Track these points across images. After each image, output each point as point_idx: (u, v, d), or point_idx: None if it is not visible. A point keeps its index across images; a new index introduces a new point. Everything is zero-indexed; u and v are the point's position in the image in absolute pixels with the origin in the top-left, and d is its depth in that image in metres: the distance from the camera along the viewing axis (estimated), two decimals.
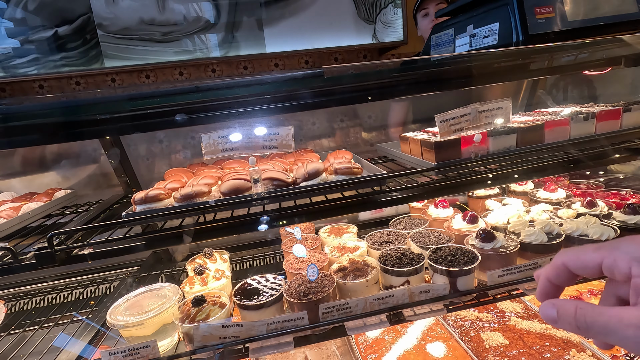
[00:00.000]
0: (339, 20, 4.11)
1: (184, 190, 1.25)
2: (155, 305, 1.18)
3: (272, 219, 1.25)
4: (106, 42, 3.72)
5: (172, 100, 1.08)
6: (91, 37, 3.70)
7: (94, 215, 1.48)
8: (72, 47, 3.66)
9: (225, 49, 3.91)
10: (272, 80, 1.12)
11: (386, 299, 1.20)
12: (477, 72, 1.16)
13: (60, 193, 1.69)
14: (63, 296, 1.72)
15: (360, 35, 4.18)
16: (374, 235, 1.58)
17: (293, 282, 1.28)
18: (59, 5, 3.58)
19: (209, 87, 1.08)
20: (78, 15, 3.64)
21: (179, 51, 3.83)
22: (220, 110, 1.14)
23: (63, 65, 3.65)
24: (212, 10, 3.84)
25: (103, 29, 3.68)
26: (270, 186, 1.30)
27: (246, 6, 3.88)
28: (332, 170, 1.34)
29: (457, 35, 1.64)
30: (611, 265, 0.45)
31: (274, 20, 3.95)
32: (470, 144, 1.37)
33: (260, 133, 1.25)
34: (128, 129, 1.14)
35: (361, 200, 1.31)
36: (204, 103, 1.11)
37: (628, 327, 0.41)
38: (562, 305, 0.47)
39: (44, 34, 3.56)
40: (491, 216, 1.58)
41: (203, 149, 1.23)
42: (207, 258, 1.52)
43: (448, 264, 1.25)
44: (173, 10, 3.77)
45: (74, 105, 1.02)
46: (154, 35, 3.76)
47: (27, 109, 1.00)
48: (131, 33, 3.73)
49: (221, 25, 3.84)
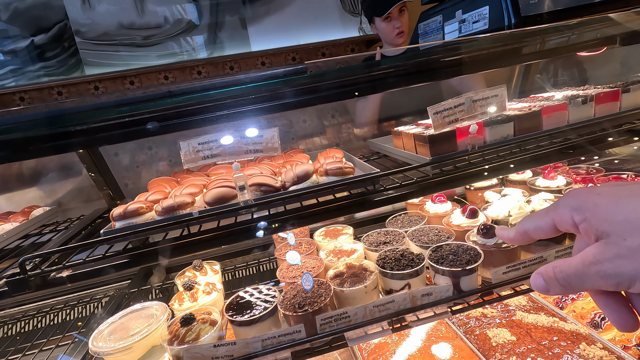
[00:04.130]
0: (323, 14, 4.02)
1: (166, 202, 1.18)
2: (142, 326, 1.11)
3: (261, 226, 1.18)
4: (85, 49, 3.61)
5: (145, 108, 1.00)
6: (69, 45, 3.58)
7: (74, 233, 1.39)
8: (50, 56, 3.54)
9: (210, 50, 3.81)
10: (251, 79, 1.04)
11: (387, 305, 1.14)
12: (473, 59, 1.09)
13: (38, 211, 1.60)
14: (49, 318, 1.64)
15: (347, 29, 4.10)
16: (370, 236, 1.51)
17: (287, 292, 1.21)
18: (34, 14, 3.46)
19: (183, 91, 1.00)
20: (54, 22, 3.52)
21: (163, 55, 3.73)
22: (197, 114, 1.05)
23: (42, 75, 3.54)
24: (194, 11, 3.73)
25: (81, 35, 3.56)
26: (257, 192, 1.23)
27: (228, 5, 3.77)
28: (322, 171, 1.26)
29: (446, 22, 1.56)
30: (560, 222, 0.50)
31: (258, 18, 3.85)
32: (465, 136, 1.30)
33: (243, 137, 1.18)
34: (99, 141, 1.05)
35: (355, 201, 1.23)
36: (179, 108, 1.02)
37: (590, 266, 0.44)
38: (545, 271, 0.50)
39: (20, 44, 3.44)
40: (491, 209, 1.52)
41: (182, 157, 1.15)
42: (196, 270, 1.45)
43: (450, 263, 1.19)
44: (153, 13, 3.65)
45: (38, 118, 0.93)
46: (135, 39, 3.65)
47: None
48: (111, 38, 3.61)
49: (204, 26, 3.74)
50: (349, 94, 1.12)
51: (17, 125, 0.93)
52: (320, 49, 4.19)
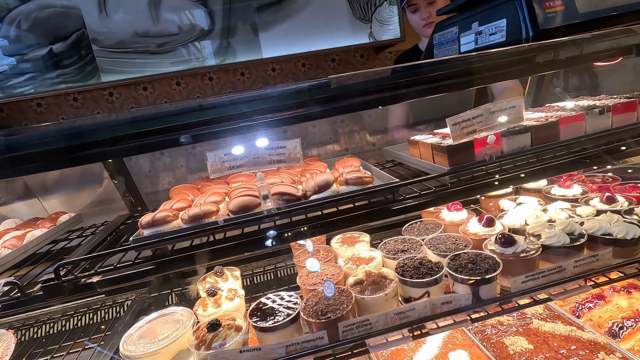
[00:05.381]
0: (334, 20, 4.06)
1: (192, 210, 1.22)
2: (169, 331, 1.14)
3: (283, 234, 1.21)
4: (102, 57, 3.69)
5: (177, 121, 1.04)
6: (86, 53, 3.67)
7: (101, 239, 1.44)
8: (67, 63, 3.63)
9: (222, 57, 3.88)
10: (277, 94, 1.08)
11: (407, 313, 1.16)
12: (494, 70, 1.12)
13: (64, 217, 1.65)
14: (73, 322, 1.68)
15: (357, 35, 4.14)
16: (388, 243, 1.54)
17: (309, 299, 1.24)
18: (53, 22, 3.55)
19: (213, 105, 1.04)
20: (72, 31, 3.61)
21: (176, 61, 3.80)
22: (225, 126, 1.10)
23: (60, 83, 3.63)
24: (206, 19, 3.80)
25: (98, 43, 3.65)
26: (280, 201, 1.26)
27: (240, 12, 3.84)
28: (342, 180, 1.29)
29: (462, 33, 1.59)
30: None
31: (269, 24, 3.91)
32: (483, 146, 1.32)
33: (267, 148, 1.21)
34: (132, 151, 1.09)
35: (375, 210, 1.26)
36: (208, 122, 1.07)
37: None
38: None
39: (39, 52, 3.53)
40: (507, 217, 1.53)
41: (209, 167, 1.19)
42: (217, 276, 1.48)
43: (469, 272, 1.21)
44: (167, 21, 3.73)
45: (78, 131, 0.98)
46: (150, 47, 3.73)
47: (29, 139, 0.96)
48: (126, 46, 3.70)
49: (216, 33, 3.81)
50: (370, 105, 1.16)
51: (60, 138, 0.98)
52: (330, 55, 4.24)
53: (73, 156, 1.01)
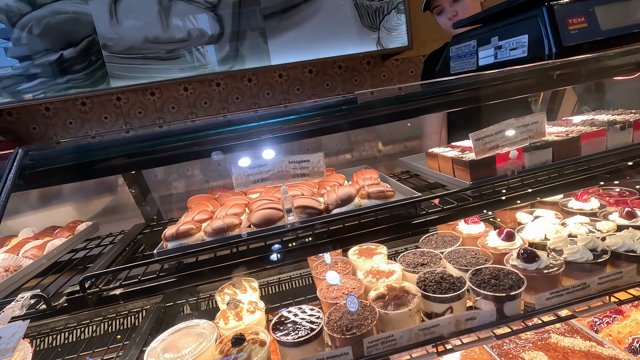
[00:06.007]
0: (342, 28, 4.08)
1: (215, 223, 1.22)
2: (193, 345, 1.14)
3: (305, 248, 1.22)
4: (111, 63, 3.72)
5: (205, 136, 1.05)
6: (96, 59, 3.69)
7: (120, 250, 1.44)
8: (77, 69, 3.65)
9: (230, 64, 3.89)
10: (305, 109, 1.09)
11: (432, 329, 1.16)
12: (522, 84, 1.13)
13: (82, 226, 1.66)
14: (88, 331, 1.68)
15: (365, 43, 4.15)
16: (406, 256, 1.53)
17: (332, 314, 1.23)
18: (64, 28, 3.58)
19: (242, 120, 1.04)
20: (83, 37, 3.64)
21: (185, 67, 3.82)
22: (250, 140, 1.11)
23: (69, 88, 3.64)
24: (216, 26, 3.82)
25: (108, 49, 3.67)
26: (303, 214, 1.26)
27: (249, 19, 3.87)
28: (364, 194, 1.30)
29: (480, 47, 1.60)
30: None
31: (278, 31, 3.93)
32: (505, 161, 1.32)
33: (290, 161, 1.22)
34: (158, 162, 1.11)
35: (396, 224, 1.27)
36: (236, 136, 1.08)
37: None
38: None
39: (50, 58, 3.55)
40: (526, 231, 1.53)
41: (234, 181, 1.19)
42: (236, 288, 1.48)
43: (492, 288, 1.20)
44: (177, 28, 3.76)
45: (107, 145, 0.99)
46: (159, 53, 3.75)
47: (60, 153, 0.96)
48: (136, 52, 3.72)
49: (225, 39, 3.82)
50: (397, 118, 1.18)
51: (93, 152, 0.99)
52: (336, 62, 4.27)
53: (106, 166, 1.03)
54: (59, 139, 3.68)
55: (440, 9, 2.18)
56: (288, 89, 4.27)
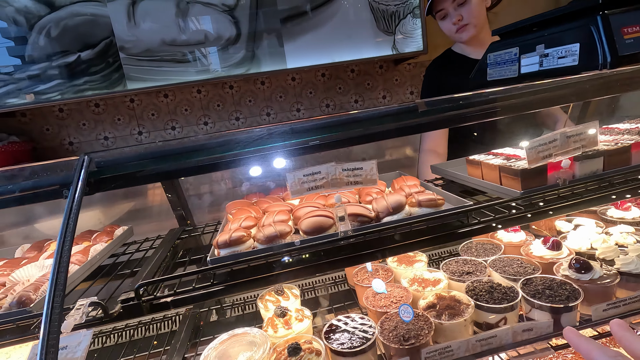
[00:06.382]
0: (358, 32, 4.09)
1: (267, 230, 1.21)
2: (248, 354, 1.13)
3: (357, 256, 1.21)
4: (128, 65, 3.72)
5: (266, 144, 1.05)
6: (113, 61, 3.69)
7: (163, 256, 1.43)
8: (94, 71, 3.65)
9: (247, 67, 3.89)
10: (366, 117, 1.08)
11: (489, 340, 1.14)
12: (579, 91, 1.13)
13: (119, 230, 1.65)
14: (125, 336, 1.66)
15: (380, 47, 4.15)
16: (450, 264, 1.52)
17: (385, 323, 1.22)
18: (82, 30, 3.58)
19: (305, 129, 1.04)
20: (100, 39, 3.64)
21: (201, 70, 3.82)
22: (308, 146, 1.10)
23: (86, 90, 3.64)
24: (232, 29, 3.82)
25: (125, 51, 3.68)
26: (354, 222, 1.25)
27: (266, 23, 3.87)
28: (414, 202, 1.29)
29: (523, 55, 1.59)
30: None
31: (294, 35, 3.93)
32: (556, 170, 1.32)
33: (344, 169, 1.21)
34: (215, 168, 1.10)
35: (447, 233, 1.25)
36: (295, 144, 1.07)
37: None
38: None
39: (67, 59, 3.55)
40: (571, 240, 1.52)
41: (289, 188, 1.18)
42: (278, 295, 1.47)
43: (548, 298, 1.19)
44: (194, 31, 3.76)
45: (173, 152, 0.98)
46: (176, 55, 3.76)
47: (124, 160, 0.96)
48: (153, 54, 3.73)
49: (242, 43, 3.82)
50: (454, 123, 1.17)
51: (143, 161, 0.98)
52: (349, 66, 4.28)
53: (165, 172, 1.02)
54: (72, 140, 3.68)
55: (444, 13, 2.09)
56: (301, 92, 4.28)
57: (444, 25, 2.16)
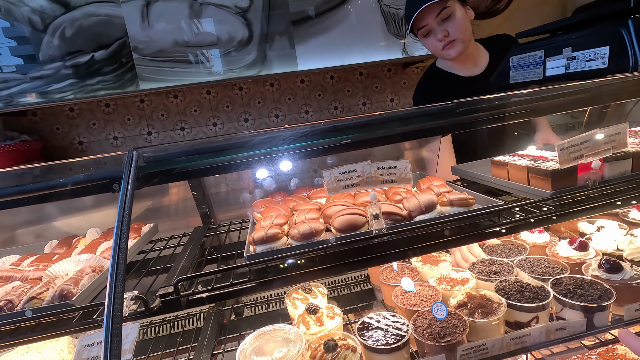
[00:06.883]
0: (368, 36, 4.11)
1: (302, 227, 1.22)
2: (285, 350, 1.13)
3: (388, 254, 1.22)
4: (141, 65, 3.74)
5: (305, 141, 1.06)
6: (127, 61, 3.72)
7: (193, 253, 1.44)
8: (107, 71, 3.67)
9: (258, 69, 3.91)
10: (405, 116, 1.10)
11: (522, 338, 1.15)
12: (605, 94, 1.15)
13: (145, 227, 1.66)
14: (150, 332, 1.67)
15: (390, 51, 4.18)
16: (476, 264, 1.53)
17: (418, 320, 1.23)
18: (96, 31, 3.61)
19: (346, 126, 1.05)
20: (114, 39, 3.66)
21: (212, 71, 3.84)
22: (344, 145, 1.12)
23: (99, 89, 3.66)
24: (245, 31, 3.85)
25: (138, 52, 3.70)
26: (387, 220, 1.26)
27: (278, 26, 3.90)
28: (446, 201, 1.30)
29: (548, 58, 1.61)
30: None
31: (306, 37, 3.96)
32: (586, 171, 1.33)
33: (379, 167, 1.22)
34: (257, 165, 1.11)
35: (476, 232, 1.27)
36: (334, 141, 1.09)
37: None
38: None
39: (81, 59, 3.57)
40: (597, 241, 1.53)
41: (325, 185, 1.20)
42: (306, 293, 1.48)
43: (580, 298, 1.20)
44: (206, 32, 3.79)
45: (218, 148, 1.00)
46: (188, 56, 3.78)
47: (172, 155, 0.97)
48: (166, 55, 3.75)
49: (254, 45, 3.85)
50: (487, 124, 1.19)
51: (190, 157, 1.00)
52: (359, 68, 4.30)
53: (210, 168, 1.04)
54: (82, 139, 3.69)
55: (427, 30, 1.94)
56: (309, 94, 4.29)
57: (429, 43, 2.00)
